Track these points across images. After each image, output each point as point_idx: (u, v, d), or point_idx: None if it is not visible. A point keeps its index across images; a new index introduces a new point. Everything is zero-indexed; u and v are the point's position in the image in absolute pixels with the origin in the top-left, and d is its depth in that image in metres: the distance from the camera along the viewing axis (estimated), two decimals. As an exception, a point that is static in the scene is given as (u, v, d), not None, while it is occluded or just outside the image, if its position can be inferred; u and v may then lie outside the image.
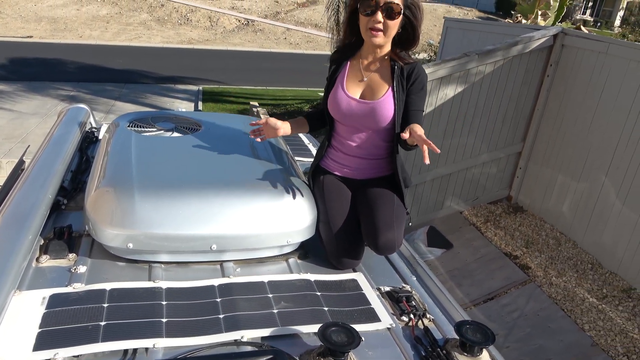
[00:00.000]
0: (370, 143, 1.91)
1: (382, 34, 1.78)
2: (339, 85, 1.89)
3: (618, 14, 35.05)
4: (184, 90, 12.37)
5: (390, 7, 1.73)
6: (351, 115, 1.87)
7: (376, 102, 1.84)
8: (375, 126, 1.87)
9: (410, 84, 1.85)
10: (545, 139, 5.44)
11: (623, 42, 5.27)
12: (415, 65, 1.87)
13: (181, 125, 2.22)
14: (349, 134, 1.92)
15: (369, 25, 1.77)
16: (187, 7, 23.41)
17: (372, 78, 1.88)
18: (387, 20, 1.75)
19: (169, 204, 1.59)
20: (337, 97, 1.88)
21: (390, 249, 1.77)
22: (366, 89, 1.88)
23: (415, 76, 1.85)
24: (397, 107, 1.83)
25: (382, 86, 1.86)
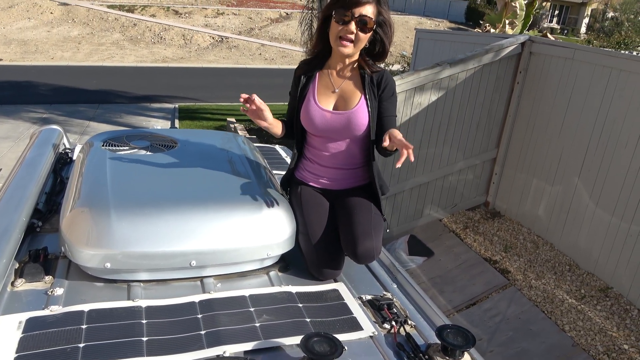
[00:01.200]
0: (346, 152, 1.93)
1: (351, 45, 1.81)
2: (311, 98, 1.89)
3: (583, 21, 36.11)
4: (160, 108, 12.30)
5: (365, 20, 1.77)
6: (326, 127, 1.88)
7: (351, 112, 1.86)
8: (351, 135, 1.89)
9: (381, 91, 1.89)
10: (518, 144, 5.55)
11: (588, 48, 5.44)
12: (383, 73, 1.91)
13: (156, 142, 2.21)
14: (323, 146, 1.93)
15: (340, 34, 1.79)
16: (160, 25, 23.37)
17: (344, 88, 1.90)
18: (360, 33, 1.79)
19: (146, 221, 1.58)
20: (310, 110, 1.89)
21: (369, 258, 1.78)
22: (339, 100, 1.90)
23: (385, 83, 1.89)
24: (371, 115, 1.87)
25: (354, 95, 1.88)
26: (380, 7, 1.81)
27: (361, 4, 1.76)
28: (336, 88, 1.90)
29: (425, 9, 37.82)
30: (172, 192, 1.75)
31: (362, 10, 1.77)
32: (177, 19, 24.85)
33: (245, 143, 2.42)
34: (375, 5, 1.79)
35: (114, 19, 23.60)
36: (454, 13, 35.69)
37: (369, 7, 1.78)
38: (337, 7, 1.79)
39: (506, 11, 9.00)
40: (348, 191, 1.96)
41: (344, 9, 1.77)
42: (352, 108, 1.87)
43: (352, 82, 1.90)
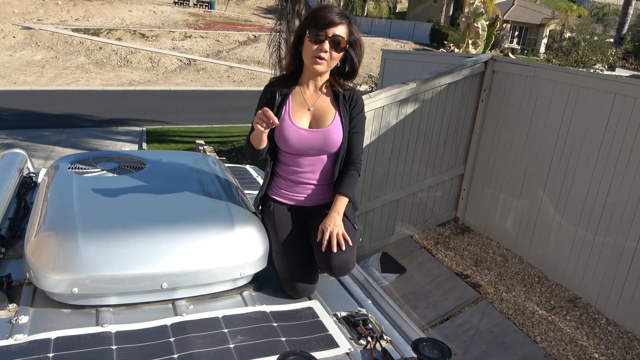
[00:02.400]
0: (319, 169, 1.95)
1: (325, 63, 1.85)
2: (286, 116, 1.90)
3: (542, 41, 37.53)
4: (127, 132, 12.13)
5: (338, 40, 1.83)
6: (302, 145, 1.89)
7: (326, 129, 1.89)
8: (325, 152, 1.92)
9: (352, 108, 1.94)
10: (484, 160, 5.67)
11: (548, 66, 5.64)
12: (354, 91, 1.97)
13: (125, 164, 2.17)
14: (296, 163, 1.94)
15: (314, 53, 1.84)
16: (126, 49, 23.17)
17: (318, 106, 1.92)
18: (333, 52, 1.84)
19: (114, 244, 1.55)
20: (285, 129, 1.89)
21: (344, 270, 1.79)
22: (313, 118, 1.92)
23: (355, 101, 1.95)
24: (345, 131, 1.91)
25: (328, 113, 1.92)
26: (351, 27, 1.87)
27: (334, 25, 1.82)
28: (310, 106, 1.92)
29: (391, 31, 38.67)
30: (141, 214, 1.72)
31: (335, 30, 1.82)
32: (144, 42, 24.71)
33: (216, 163, 2.41)
34: (347, 25, 1.85)
35: (79, 43, 23.31)
36: (419, 34, 36.59)
37: (342, 28, 1.84)
38: (311, 27, 1.84)
39: (469, 32, 9.29)
40: (320, 207, 1.97)
41: (318, 29, 1.82)
42: (327, 125, 1.90)
43: (326, 99, 1.94)
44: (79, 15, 28.04)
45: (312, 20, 1.85)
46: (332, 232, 1.78)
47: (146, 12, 30.71)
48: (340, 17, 1.84)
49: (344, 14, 1.86)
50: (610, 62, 14.97)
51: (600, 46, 20.02)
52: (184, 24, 29.76)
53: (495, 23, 10.13)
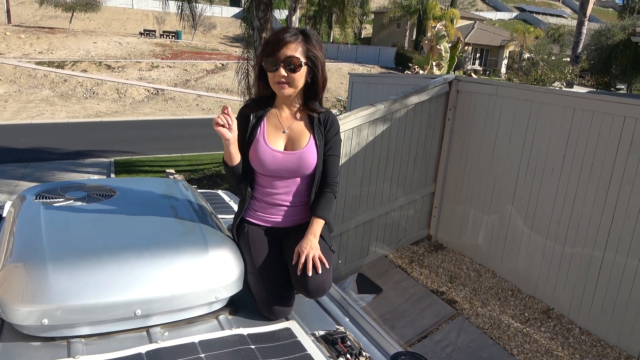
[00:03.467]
0: (294, 191, 1.95)
1: (288, 86, 1.85)
2: (260, 138, 1.90)
3: (503, 62, 38.80)
4: (94, 163, 11.92)
5: (291, 61, 1.80)
6: (277, 167, 1.90)
7: (301, 152, 1.90)
8: (300, 174, 1.92)
9: (327, 131, 1.94)
10: (454, 177, 5.78)
11: (509, 84, 5.84)
12: (329, 113, 1.98)
13: (94, 192, 2.14)
14: (271, 184, 1.94)
15: (275, 79, 1.84)
16: (92, 80, 22.94)
17: (293, 128, 1.93)
18: (290, 74, 1.82)
19: (85, 272, 1.51)
20: (259, 151, 1.89)
21: (321, 291, 1.78)
22: (288, 140, 1.92)
23: (331, 123, 1.95)
24: (319, 154, 1.92)
25: (303, 135, 1.92)
26: (308, 45, 1.84)
27: (285, 45, 1.80)
28: (285, 128, 1.92)
29: (357, 56, 39.42)
30: (112, 241, 1.69)
31: (288, 51, 1.80)
32: (110, 73, 24.52)
33: (187, 188, 2.39)
34: (302, 43, 1.83)
35: (43, 76, 22.97)
36: (384, 59, 37.41)
37: (294, 46, 1.81)
38: (265, 56, 1.84)
39: (432, 54, 9.55)
40: (296, 228, 1.97)
41: (271, 55, 1.82)
42: (302, 148, 1.90)
43: (300, 122, 1.94)
44: (43, 48, 27.71)
45: (265, 48, 1.84)
46: (308, 254, 1.78)
47: (112, 44, 30.57)
48: (292, 35, 1.82)
49: (297, 32, 1.85)
50: (569, 80, 15.57)
51: (558, 65, 20.82)
52: (150, 54, 29.71)
53: (457, 45, 10.45)
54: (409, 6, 38.23)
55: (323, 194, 1.95)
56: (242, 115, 1.95)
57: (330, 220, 2.00)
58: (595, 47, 24.96)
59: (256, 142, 1.90)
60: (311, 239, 1.82)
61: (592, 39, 25.61)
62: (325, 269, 1.79)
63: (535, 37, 37.18)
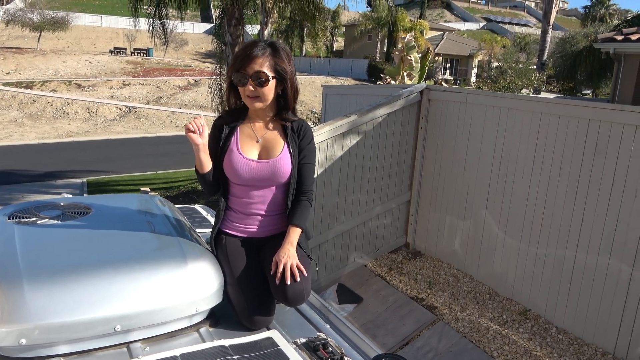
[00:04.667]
0: (270, 200, 1.97)
1: (258, 100, 1.88)
2: (234, 148, 1.92)
3: (472, 71, 39.62)
4: (66, 184, 11.71)
5: (258, 75, 1.84)
6: (251, 176, 1.92)
7: (275, 160, 1.92)
8: (275, 183, 1.94)
9: (301, 139, 1.97)
10: (429, 184, 5.87)
11: (479, 92, 5.98)
12: (302, 122, 2.01)
13: (69, 211, 2.12)
14: (247, 194, 1.96)
15: (245, 93, 1.88)
16: (62, 100, 22.60)
17: (267, 138, 1.95)
18: (259, 88, 1.85)
19: (62, 289, 1.50)
20: (233, 160, 1.91)
21: (300, 300, 1.80)
22: (262, 149, 1.94)
23: (304, 132, 1.98)
24: (294, 162, 1.94)
25: (277, 144, 1.94)
26: (276, 58, 1.87)
27: (253, 60, 1.84)
28: (259, 138, 1.95)
29: (330, 69, 39.76)
30: (89, 257, 1.68)
31: (256, 66, 1.83)
32: (81, 92, 24.20)
33: (164, 204, 2.39)
34: (270, 57, 1.86)
35: (11, 97, 22.53)
36: (357, 71, 37.81)
37: (261, 61, 1.84)
38: (234, 71, 1.87)
39: (403, 64, 9.72)
40: (273, 237, 1.99)
41: (240, 70, 1.85)
42: (276, 156, 1.92)
43: (274, 131, 1.97)
44: (10, 69, 27.21)
45: (234, 63, 1.88)
46: (285, 263, 1.80)
47: (81, 63, 30.21)
48: (261, 50, 1.85)
49: (265, 46, 1.87)
50: (536, 86, 15.99)
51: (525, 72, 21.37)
52: (121, 72, 29.44)
53: (427, 55, 10.66)
54: (379, 19, 38.83)
55: (299, 202, 1.97)
56: (215, 126, 1.98)
57: (307, 227, 2.02)
58: (560, 54, 25.71)
59: (230, 151, 1.92)
60: (288, 248, 1.84)
61: (557, 46, 26.39)
62: (303, 277, 1.81)
63: (502, 46, 38.14)
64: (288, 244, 1.86)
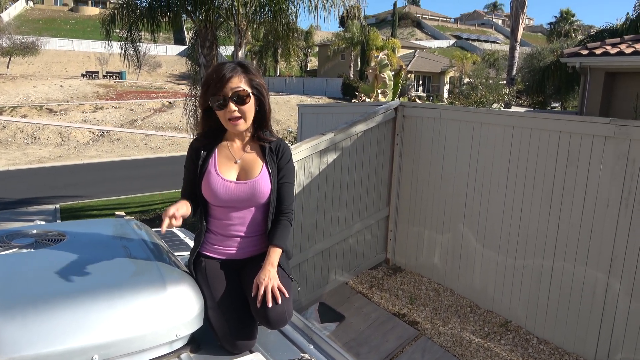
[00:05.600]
0: (249, 221, 1.95)
1: (242, 121, 1.85)
2: (212, 170, 1.89)
3: (444, 87, 40.36)
4: (39, 211, 11.42)
5: (238, 94, 1.81)
6: (230, 197, 1.89)
7: (254, 181, 1.90)
8: (254, 204, 1.92)
9: (279, 159, 1.96)
10: (406, 200, 5.91)
11: (452, 107, 6.08)
12: (280, 142, 1.99)
13: (42, 238, 2.07)
14: (226, 216, 1.93)
15: (226, 116, 1.84)
16: (33, 125, 22.19)
17: (245, 158, 1.93)
18: (241, 107, 1.83)
19: (36, 320, 1.45)
20: (212, 182, 1.88)
21: (282, 322, 1.77)
22: (241, 170, 1.92)
23: (282, 151, 1.97)
24: (273, 182, 1.93)
25: (256, 165, 1.93)
26: (249, 75, 1.86)
27: (228, 80, 1.81)
28: (237, 159, 1.93)
29: (305, 88, 40.02)
30: (64, 286, 1.63)
31: (232, 85, 1.81)
32: (52, 117, 23.81)
33: (140, 227, 2.35)
34: (243, 74, 1.84)
35: (-21, 123, 22.02)
36: (331, 89, 38.13)
37: (237, 79, 1.82)
38: (210, 95, 1.83)
39: (377, 82, 9.85)
40: (254, 258, 1.96)
41: (216, 94, 1.81)
42: (254, 177, 1.90)
43: (252, 152, 1.95)
44: (-22, 95, 26.64)
45: (207, 89, 1.84)
46: (267, 285, 1.77)
47: (52, 87, 29.79)
48: (232, 69, 1.83)
49: (234, 65, 1.85)
50: (506, 101, 16.35)
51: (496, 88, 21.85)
52: (94, 96, 29.12)
53: (400, 73, 10.83)
54: (352, 38, 39.39)
55: (279, 222, 1.95)
56: (193, 149, 1.95)
57: (288, 247, 2.00)
58: (528, 69, 26.39)
59: (208, 173, 1.89)
60: (269, 269, 1.82)
61: (525, 62, 27.10)
62: (285, 299, 1.79)
63: (472, 63, 39.01)
64: (269, 265, 1.83)
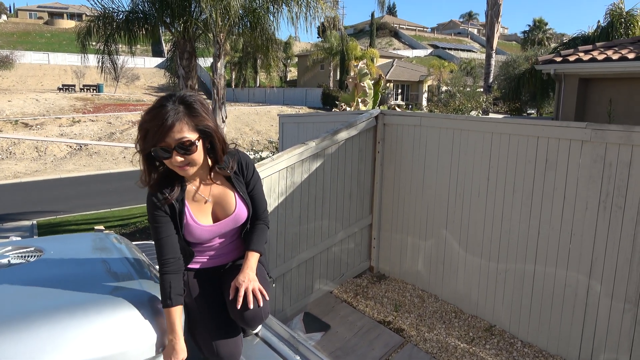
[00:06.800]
0: (230, 237, 1.94)
1: (189, 167, 1.69)
2: (190, 221, 1.80)
3: (423, 96, 40.82)
4: (15, 227, 11.17)
5: (183, 144, 1.63)
6: (214, 235, 1.88)
7: (233, 215, 1.86)
8: (236, 227, 1.90)
9: (245, 176, 1.90)
10: (389, 207, 5.93)
11: (432, 115, 6.13)
12: (238, 158, 1.87)
13: (18, 254, 2.01)
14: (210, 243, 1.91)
15: (173, 166, 1.68)
16: (8, 140, 21.77)
17: (215, 195, 1.85)
18: (187, 156, 1.66)
19: (12, 339, 1.40)
20: (194, 233, 1.82)
21: (258, 320, 1.76)
22: (215, 208, 1.85)
23: (246, 167, 1.89)
24: (248, 204, 1.90)
25: (227, 197, 1.85)
26: (193, 117, 1.65)
27: (170, 129, 1.60)
28: (207, 198, 1.83)
29: (285, 98, 40.09)
30: (42, 303, 1.59)
31: (175, 135, 1.61)
32: (28, 131, 23.40)
33: (120, 241, 2.31)
34: (186, 118, 1.64)
35: (-48, 139, 21.53)
36: (311, 99, 38.26)
37: (179, 126, 1.62)
38: (150, 145, 1.63)
39: (357, 91, 9.90)
40: (233, 263, 1.96)
41: (156, 144, 1.62)
42: (232, 212, 1.85)
43: (219, 185, 1.85)
44: (-49, 110, 26.07)
45: (146, 136, 1.62)
46: (247, 288, 1.74)
47: (28, 101, 29.31)
48: (173, 113, 1.61)
49: (176, 108, 1.62)
50: (484, 108, 16.60)
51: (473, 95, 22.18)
52: (71, 109, 28.72)
53: (379, 81, 10.91)
54: (331, 48, 39.63)
55: (255, 227, 1.94)
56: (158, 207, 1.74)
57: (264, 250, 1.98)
58: (504, 77, 26.88)
59: (187, 225, 1.80)
60: (248, 273, 1.80)
61: (501, 69, 27.60)
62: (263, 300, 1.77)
63: (450, 71, 39.55)
64: (247, 269, 1.82)
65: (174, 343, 1.62)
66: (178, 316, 1.65)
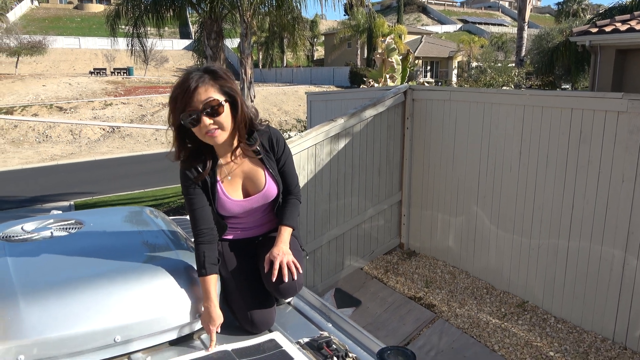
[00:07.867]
0: (263, 212, 1.97)
1: (219, 131, 1.69)
2: (222, 196, 1.83)
3: (453, 72, 40.00)
4: (53, 208, 11.48)
5: (210, 104, 1.64)
6: (245, 210, 1.90)
7: (263, 192, 1.87)
8: (267, 202, 1.93)
9: (276, 153, 1.89)
10: (418, 183, 5.89)
11: (461, 89, 6.03)
12: (269, 133, 1.87)
13: (60, 227, 2.09)
14: (242, 217, 1.94)
15: (202, 131, 1.67)
16: (44, 124, 22.38)
17: (245, 171, 1.85)
18: (216, 118, 1.66)
19: (58, 303, 1.47)
20: (226, 206, 1.85)
21: (292, 291, 1.79)
22: (245, 183, 1.86)
23: (276, 144, 1.87)
24: (278, 182, 1.90)
25: (258, 174, 1.86)
26: (218, 81, 1.68)
27: (195, 92, 1.63)
28: (238, 173, 1.85)
29: (312, 78, 39.89)
30: (84, 270, 1.65)
31: (202, 97, 1.64)
32: (62, 115, 23.98)
33: (156, 215, 2.37)
34: (211, 82, 1.67)
35: (-8, 124, 22.25)
36: (339, 78, 37.96)
37: (204, 89, 1.65)
38: (179, 112, 1.66)
39: (385, 67, 9.78)
40: (267, 234, 1.99)
41: (185, 109, 1.64)
42: (262, 188, 1.87)
43: (249, 160, 1.85)
44: (-11, 96, 26.89)
45: (175, 105, 1.66)
46: (282, 261, 1.78)
47: (61, 85, 29.96)
48: (198, 79, 1.64)
49: (201, 73, 1.66)
50: (516, 82, 16.18)
51: (505, 70, 21.63)
52: (103, 92, 29.25)
53: (407, 57, 10.74)
54: (358, 25, 39.12)
55: (287, 201, 1.96)
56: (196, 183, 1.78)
57: (297, 224, 2.00)
58: (537, 50, 26.03)
59: (219, 199, 1.83)
60: (282, 246, 1.83)
61: (534, 43, 26.73)
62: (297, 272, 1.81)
63: (480, 46, 38.59)
64: (280, 243, 1.85)
65: (210, 310, 1.67)
66: (213, 284, 1.70)
